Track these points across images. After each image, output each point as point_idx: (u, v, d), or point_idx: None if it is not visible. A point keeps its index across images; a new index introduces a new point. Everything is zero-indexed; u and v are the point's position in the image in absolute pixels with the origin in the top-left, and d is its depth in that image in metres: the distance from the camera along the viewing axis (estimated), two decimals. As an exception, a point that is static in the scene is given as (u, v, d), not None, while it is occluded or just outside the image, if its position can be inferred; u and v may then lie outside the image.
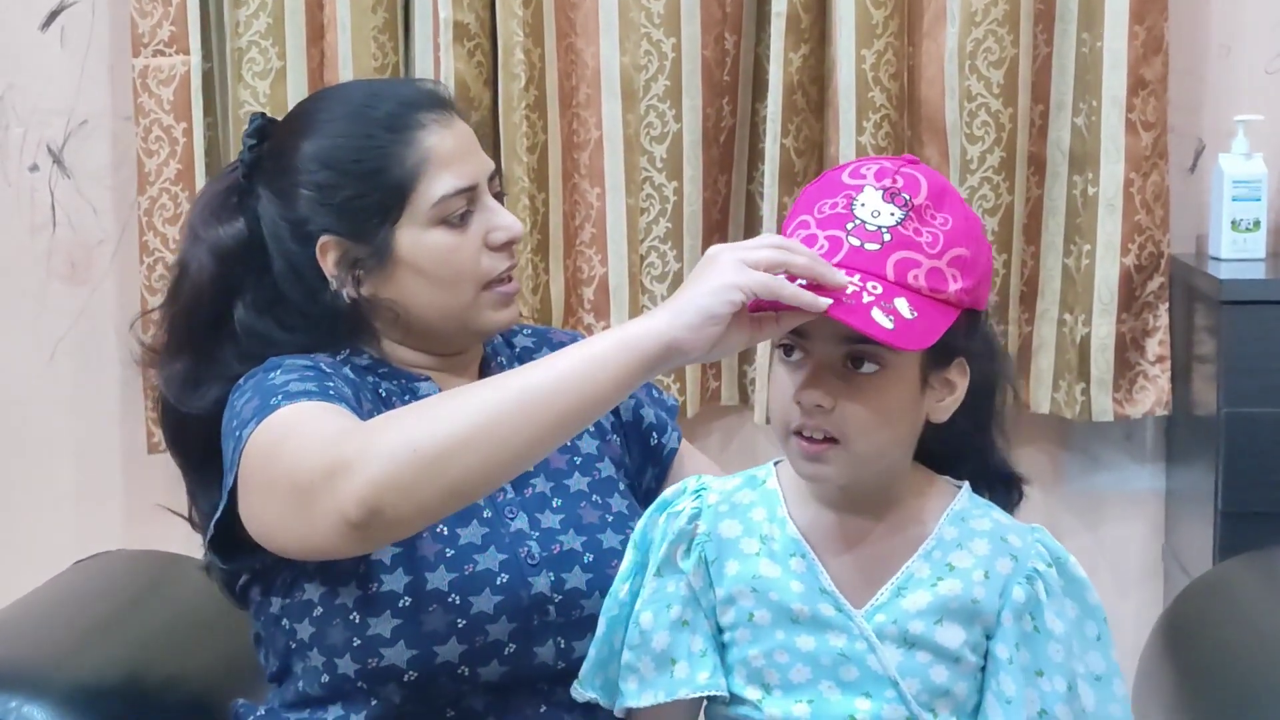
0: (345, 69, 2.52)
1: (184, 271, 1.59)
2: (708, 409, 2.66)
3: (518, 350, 1.66)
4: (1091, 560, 2.66)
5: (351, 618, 1.46)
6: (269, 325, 1.56)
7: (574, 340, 1.60)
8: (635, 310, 2.54)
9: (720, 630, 1.41)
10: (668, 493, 1.45)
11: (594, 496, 1.57)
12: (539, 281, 2.56)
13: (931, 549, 1.38)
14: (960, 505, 1.40)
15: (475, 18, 2.49)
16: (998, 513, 1.42)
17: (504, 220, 1.56)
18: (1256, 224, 2.47)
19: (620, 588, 1.43)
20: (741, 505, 1.42)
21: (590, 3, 2.52)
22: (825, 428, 1.31)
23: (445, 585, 1.46)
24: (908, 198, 1.33)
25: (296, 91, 2.53)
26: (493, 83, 2.52)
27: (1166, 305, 2.51)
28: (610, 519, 1.56)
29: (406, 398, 1.54)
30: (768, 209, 2.51)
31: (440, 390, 1.54)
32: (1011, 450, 1.48)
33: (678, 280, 2.53)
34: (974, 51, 2.44)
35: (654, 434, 1.69)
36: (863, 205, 1.33)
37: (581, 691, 1.44)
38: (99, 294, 2.70)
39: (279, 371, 1.48)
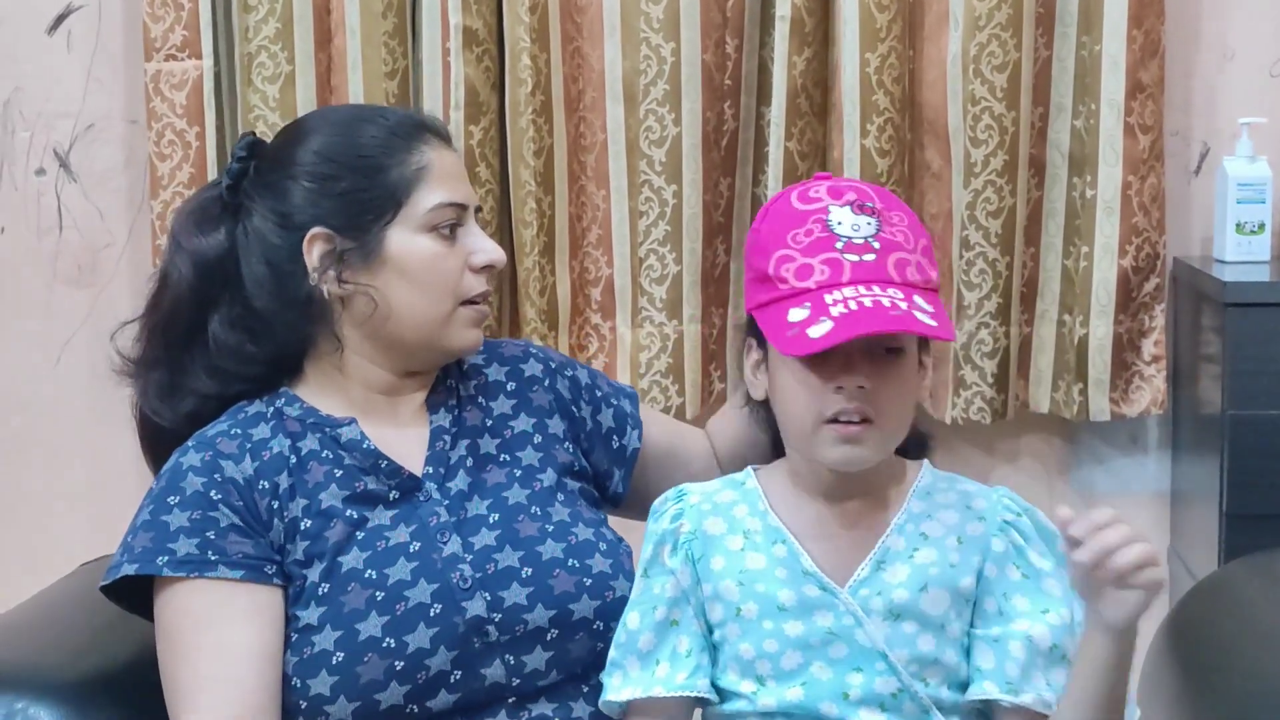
0: (354, 73, 2.52)
1: (164, 282, 1.62)
2: (711, 410, 2.66)
3: (465, 367, 1.67)
4: (1096, 562, 2.67)
5: (294, 683, 1.49)
6: (241, 339, 1.58)
7: (525, 352, 1.69)
8: (635, 311, 2.55)
9: (711, 629, 1.44)
10: (658, 502, 1.50)
11: (533, 508, 1.58)
12: (546, 283, 2.57)
13: (904, 523, 1.44)
14: (925, 481, 1.47)
15: (483, 23, 2.50)
16: (963, 483, 1.48)
17: (487, 245, 1.60)
18: (1261, 227, 2.48)
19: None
20: (724, 504, 1.47)
21: (595, 7, 2.52)
22: (864, 410, 1.36)
23: (379, 630, 1.48)
24: (873, 205, 1.39)
25: (305, 95, 2.54)
26: (500, 87, 2.52)
27: (1163, 306, 2.52)
28: (550, 529, 1.57)
29: (325, 453, 1.56)
30: (772, 212, 2.51)
31: (363, 434, 1.57)
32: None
33: (676, 283, 2.53)
34: (977, 55, 2.45)
35: (614, 437, 1.71)
36: (839, 223, 1.37)
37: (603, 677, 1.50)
38: (105, 297, 2.71)
39: (176, 507, 1.51)
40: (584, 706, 1.54)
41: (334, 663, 1.48)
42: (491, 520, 1.56)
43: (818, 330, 1.32)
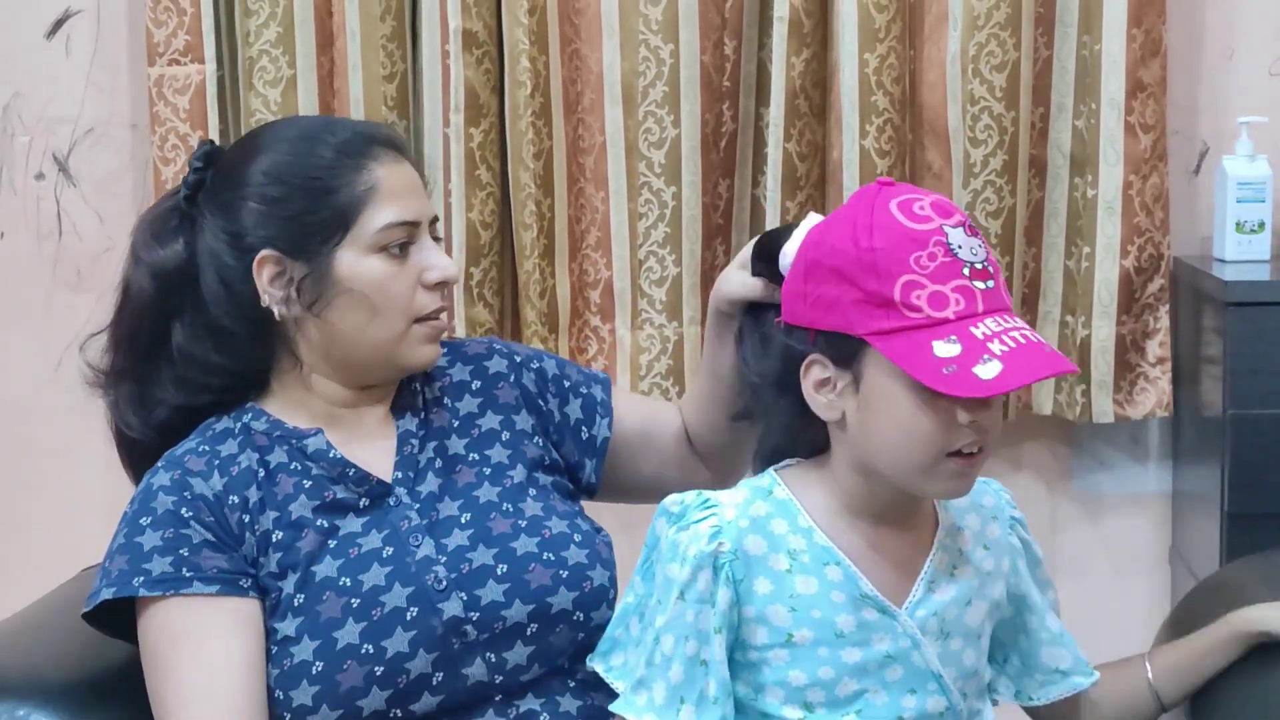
0: (355, 76, 2.52)
1: (126, 293, 1.63)
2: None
3: (429, 370, 1.67)
4: (1098, 561, 2.67)
5: (276, 695, 1.49)
6: (205, 349, 1.58)
7: (489, 349, 1.69)
8: (635, 313, 2.55)
9: (743, 648, 1.39)
10: (672, 504, 1.43)
11: (504, 505, 1.58)
12: (546, 285, 2.56)
13: (943, 538, 1.43)
14: None
15: (483, 26, 2.50)
16: None
17: (440, 261, 1.58)
18: (1261, 226, 2.47)
19: (635, 580, 1.45)
20: (760, 519, 1.41)
21: (594, 9, 2.52)
22: (984, 440, 1.34)
23: (356, 638, 1.48)
24: (972, 224, 1.35)
25: (307, 99, 2.54)
26: (499, 90, 2.52)
27: (1167, 307, 2.51)
28: (523, 524, 1.56)
29: (293, 464, 1.56)
30: (771, 213, 2.51)
31: (329, 444, 1.57)
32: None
33: (676, 284, 2.53)
34: (976, 55, 2.45)
35: (583, 428, 1.71)
36: (960, 247, 1.32)
37: (591, 664, 1.50)
38: (105, 302, 2.69)
39: (149, 528, 1.51)
40: (571, 700, 1.54)
41: (314, 672, 1.47)
42: (463, 520, 1.56)
43: (988, 371, 1.27)
